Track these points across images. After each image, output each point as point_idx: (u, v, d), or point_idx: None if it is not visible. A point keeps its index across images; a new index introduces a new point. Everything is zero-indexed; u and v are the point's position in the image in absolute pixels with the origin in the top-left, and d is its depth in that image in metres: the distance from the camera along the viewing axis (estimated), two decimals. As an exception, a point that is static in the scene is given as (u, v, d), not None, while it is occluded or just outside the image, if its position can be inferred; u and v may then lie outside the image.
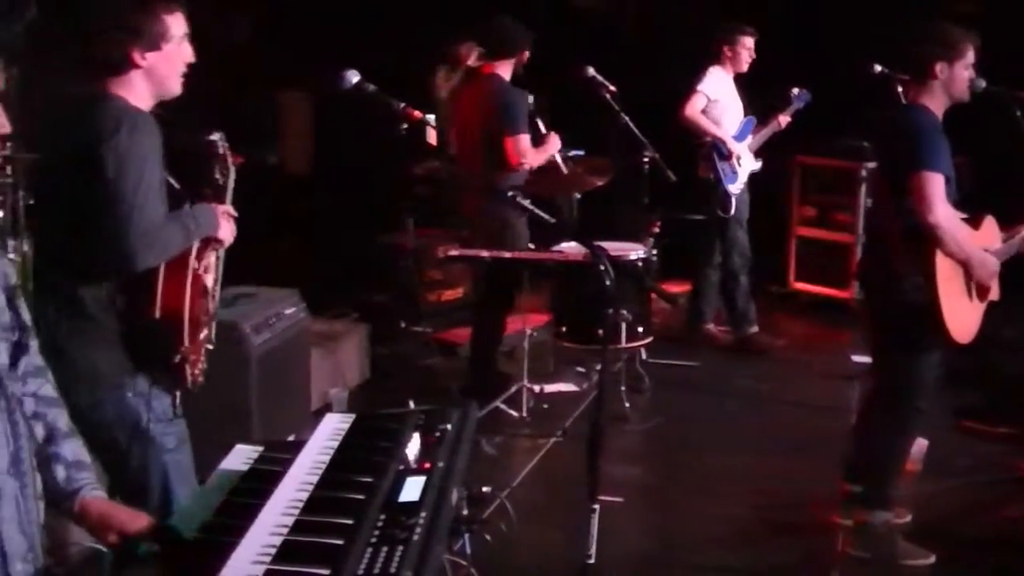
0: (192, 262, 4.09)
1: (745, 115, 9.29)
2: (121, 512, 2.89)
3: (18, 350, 2.78)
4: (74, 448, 2.95)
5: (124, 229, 3.87)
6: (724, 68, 9.15)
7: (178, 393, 4.30)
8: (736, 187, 9.15)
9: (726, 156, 9.07)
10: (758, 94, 9.36)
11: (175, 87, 4.16)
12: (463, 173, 8.12)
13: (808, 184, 10.94)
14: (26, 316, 2.86)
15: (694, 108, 8.99)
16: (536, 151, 7.73)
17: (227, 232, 4.38)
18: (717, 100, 9.11)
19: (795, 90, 9.37)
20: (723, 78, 9.15)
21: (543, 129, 8.14)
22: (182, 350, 4.06)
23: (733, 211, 9.16)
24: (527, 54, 7.88)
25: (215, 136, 4.25)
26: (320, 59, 8.41)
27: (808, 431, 7.61)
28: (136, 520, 2.85)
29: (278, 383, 6.39)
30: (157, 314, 4.02)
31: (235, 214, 4.39)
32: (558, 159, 8.02)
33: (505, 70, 7.79)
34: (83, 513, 2.88)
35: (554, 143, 7.98)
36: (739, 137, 9.15)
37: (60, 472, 2.88)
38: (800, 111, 9.37)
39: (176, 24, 4.09)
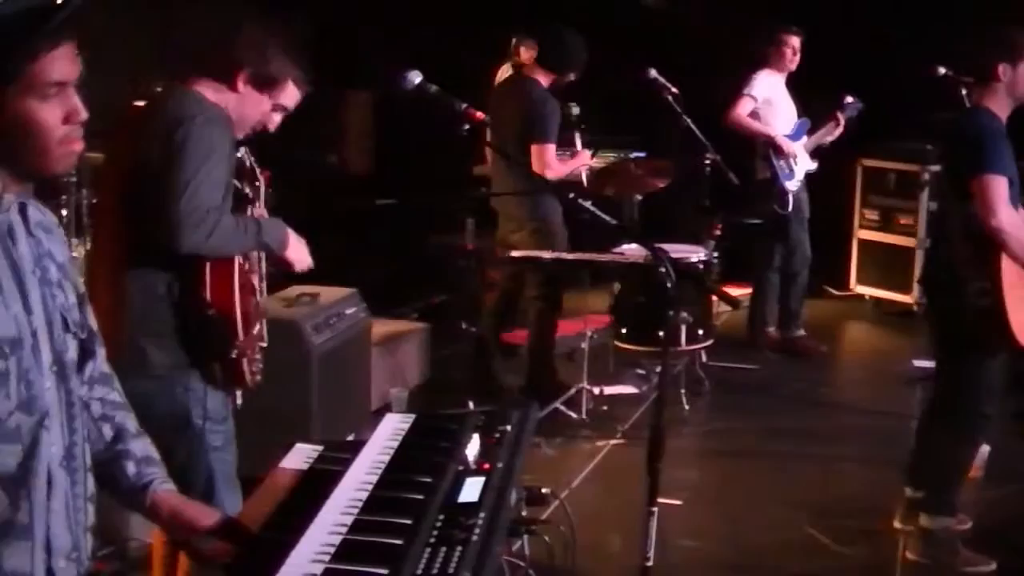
0: (237, 257, 4.13)
1: (799, 117, 9.22)
2: (191, 507, 2.89)
3: (85, 353, 2.79)
4: (143, 445, 2.95)
5: (173, 202, 3.90)
6: (773, 70, 9.10)
7: (238, 392, 4.32)
8: (793, 184, 9.07)
9: (780, 153, 8.99)
10: (820, 96, 9.27)
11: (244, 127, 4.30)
12: (495, 171, 8.12)
13: (870, 187, 10.86)
14: (92, 323, 2.87)
15: (740, 111, 8.94)
16: (561, 162, 7.73)
17: (297, 255, 4.43)
18: (768, 102, 9.05)
19: (848, 98, 9.28)
20: (773, 80, 9.10)
21: (579, 143, 8.15)
22: (237, 344, 4.07)
23: (791, 208, 9.09)
24: (572, 76, 7.88)
25: (240, 151, 4.28)
26: (382, 59, 8.43)
27: (869, 436, 7.55)
28: (205, 516, 2.86)
29: (338, 383, 6.40)
30: (210, 308, 4.04)
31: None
32: (583, 174, 8.04)
33: (545, 79, 7.77)
34: (154, 508, 2.88)
35: (582, 159, 8.01)
36: (793, 137, 9.08)
37: (130, 468, 2.89)
38: (852, 120, 9.28)
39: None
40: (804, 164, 9.13)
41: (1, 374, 2.43)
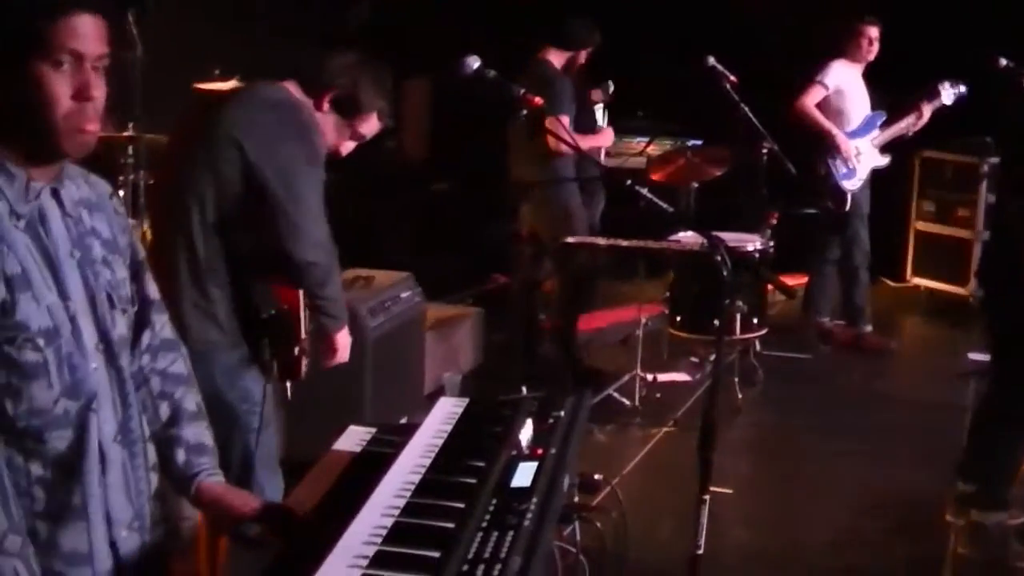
0: None
1: (873, 110, 9.10)
2: (235, 496, 2.89)
3: (140, 324, 2.81)
4: (197, 431, 2.95)
5: (304, 215, 4.10)
6: (848, 60, 8.98)
7: (288, 384, 4.36)
8: (852, 183, 8.94)
9: (838, 151, 8.90)
10: (888, 89, 9.18)
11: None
12: (516, 159, 8.12)
13: (928, 179, 10.77)
14: (152, 291, 2.88)
15: (809, 100, 8.84)
16: (583, 137, 7.74)
17: (344, 343, 4.56)
18: (840, 92, 8.91)
19: (946, 83, 9.11)
20: (846, 70, 8.97)
21: (604, 121, 8.15)
22: (302, 342, 4.12)
23: (848, 207, 9.00)
24: (584, 55, 7.91)
25: None
26: (440, 44, 8.42)
27: (922, 428, 7.49)
28: (248, 504, 2.86)
29: (392, 366, 6.41)
30: (279, 305, 4.09)
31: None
32: (602, 153, 8.06)
33: (558, 59, 7.87)
34: (199, 498, 2.89)
35: (605, 137, 8.02)
36: (861, 132, 8.95)
37: (180, 456, 2.90)
38: (948, 107, 9.13)
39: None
40: (870, 161, 8.99)
41: (39, 365, 2.44)
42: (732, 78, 8.11)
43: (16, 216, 2.43)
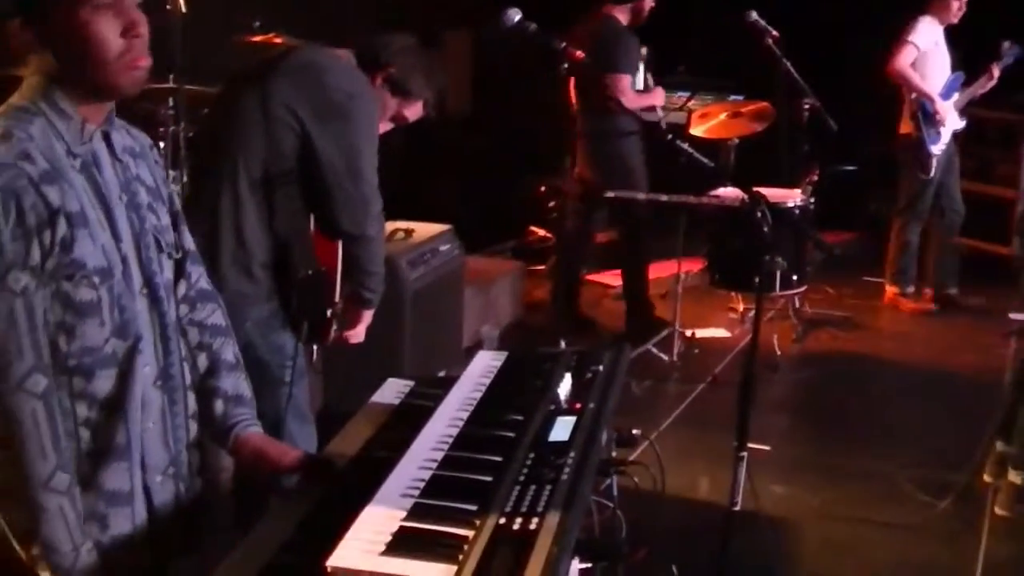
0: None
1: (952, 71, 8.90)
2: (273, 447, 2.90)
3: (179, 273, 2.82)
4: (235, 382, 2.96)
5: (363, 186, 4.11)
6: (935, 18, 8.76)
7: (315, 347, 4.37)
8: (938, 148, 8.82)
9: (932, 116, 8.75)
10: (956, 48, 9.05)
11: None
12: (576, 113, 8.09)
13: (970, 137, 10.66)
14: (188, 242, 2.89)
15: (904, 61, 8.64)
16: (635, 95, 7.71)
17: (367, 325, 4.55)
18: (925, 52, 8.71)
19: (1006, 43, 8.96)
20: (933, 29, 8.75)
21: (651, 82, 8.12)
22: (335, 305, 4.13)
23: (933, 172, 8.87)
24: (648, 5, 7.87)
25: None
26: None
27: (961, 388, 7.46)
28: (287, 455, 2.87)
29: (431, 319, 6.40)
30: (318, 266, 4.09)
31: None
32: (658, 112, 8.01)
33: (622, 14, 7.81)
34: (237, 449, 2.90)
35: (658, 96, 7.98)
36: (945, 95, 8.78)
37: (219, 407, 2.91)
38: (1009, 66, 9.01)
39: None
40: (952, 123, 8.83)
41: (94, 304, 2.47)
42: (774, 33, 8.03)
43: (73, 156, 2.47)
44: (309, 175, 4.04)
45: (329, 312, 4.20)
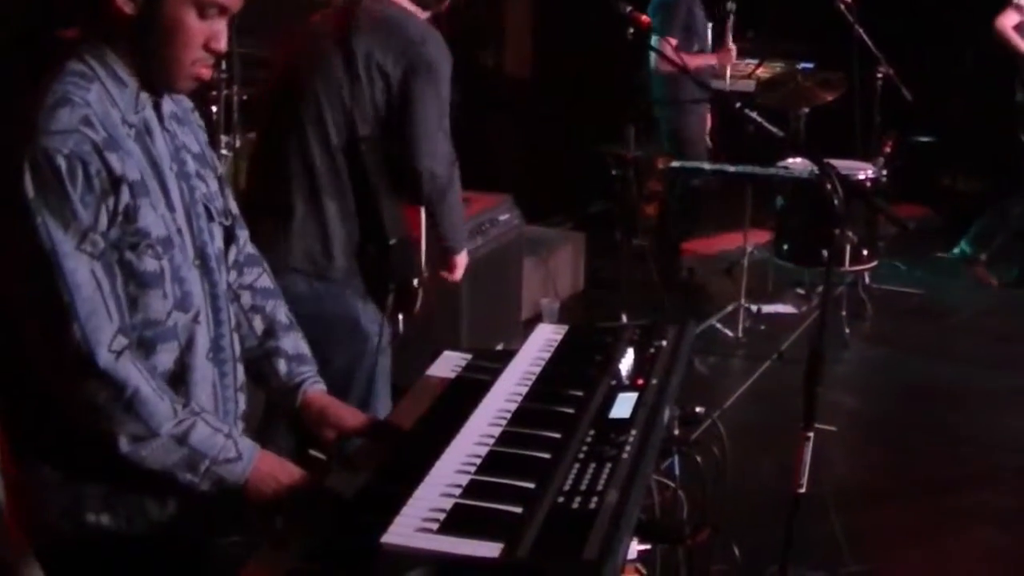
0: None
1: None
2: (341, 408, 2.92)
3: (228, 239, 2.83)
4: (294, 341, 2.99)
5: (433, 131, 4.12)
6: None
7: (400, 317, 4.39)
8: None
9: None
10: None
11: None
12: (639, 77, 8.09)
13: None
14: (233, 206, 2.91)
15: (1007, 21, 8.59)
16: (688, 56, 7.67)
17: (463, 263, 4.65)
18: None
19: None
20: None
21: (729, 42, 8.09)
22: (422, 274, 4.15)
23: None
24: None
25: None
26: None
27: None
28: (354, 417, 2.89)
29: (489, 290, 6.41)
30: (405, 235, 4.12)
31: None
32: (725, 80, 8.01)
33: None
34: (305, 408, 2.92)
35: (724, 57, 7.94)
36: None
37: (282, 366, 2.93)
38: None
39: None
40: None
41: (157, 275, 2.49)
42: (847, -2, 7.97)
43: (127, 125, 2.49)
44: (401, 133, 4.06)
45: (416, 281, 4.22)
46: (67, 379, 2.41)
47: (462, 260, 4.62)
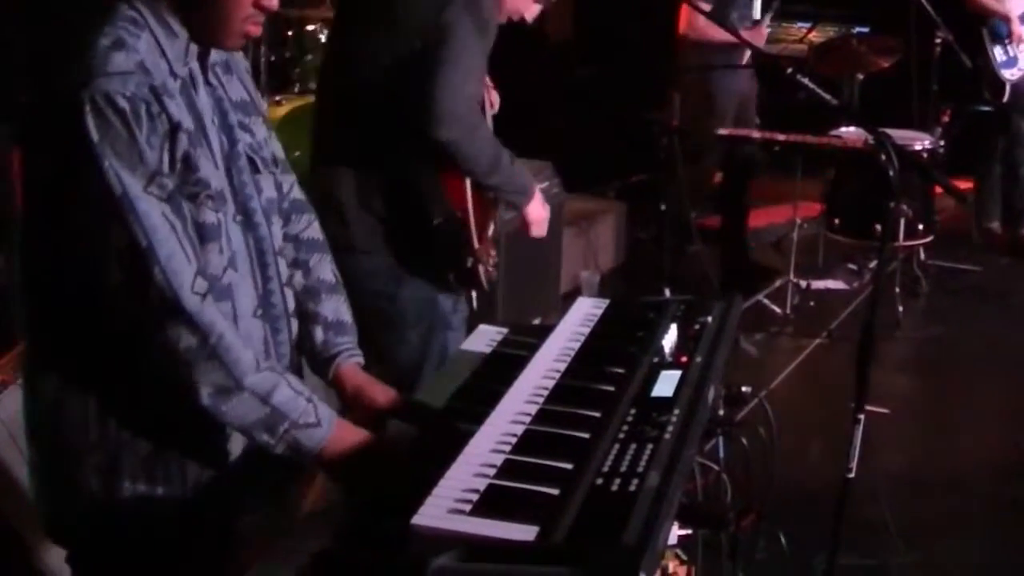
0: None
1: None
2: (375, 387, 2.92)
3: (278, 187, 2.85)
4: (336, 306, 2.99)
5: (443, 85, 3.93)
6: None
7: (474, 293, 4.38)
8: (1012, 73, 8.72)
9: (1004, 37, 8.64)
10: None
11: None
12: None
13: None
14: (279, 150, 2.91)
15: None
16: (711, 27, 7.63)
17: (538, 215, 4.54)
18: None
19: None
20: None
21: (758, 14, 8.05)
22: (475, 251, 4.12)
23: (1007, 98, 8.77)
24: None
25: None
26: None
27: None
28: (384, 395, 2.89)
29: (526, 262, 6.40)
30: (447, 214, 4.09)
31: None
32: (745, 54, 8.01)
33: None
34: (338, 382, 2.93)
35: (755, 35, 7.88)
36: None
37: (319, 334, 2.94)
38: None
39: None
40: None
41: (215, 227, 2.50)
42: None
43: (175, 77, 2.50)
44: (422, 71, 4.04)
45: (470, 260, 4.19)
46: (152, 325, 2.42)
47: (535, 209, 4.50)
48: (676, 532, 2.59)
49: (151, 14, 2.47)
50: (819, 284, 8.08)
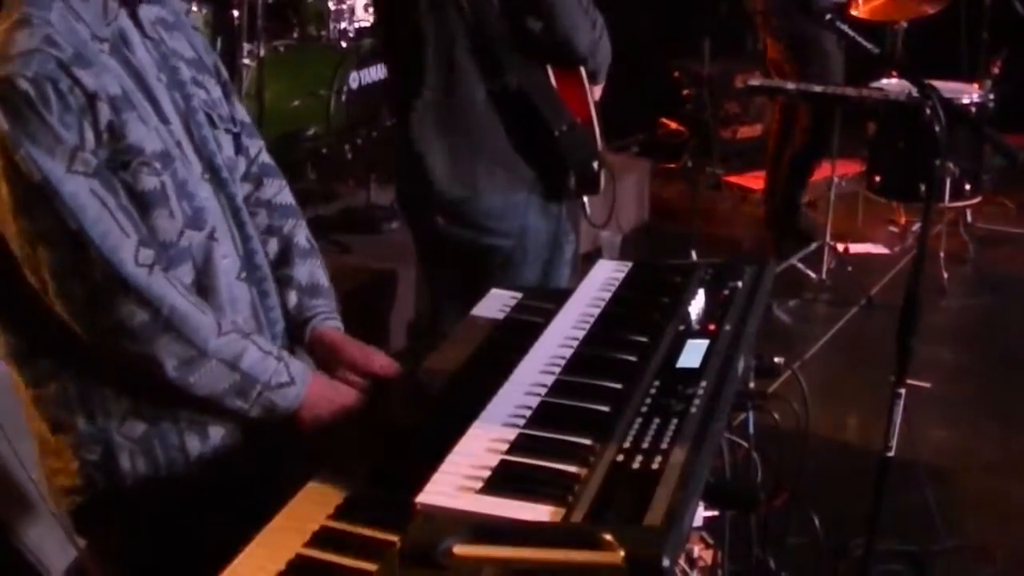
0: None
1: None
2: (353, 347, 2.91)
3: (237, 149, 2.85)
4: (310, 269, 3.00)
5: None
6: None
7: (586, 202, 4.57)
8: None
9: None
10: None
11: None
12: None
13: None
14: (242, 113, 2.92)
15: None
16: None
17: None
18: None
19: None
20: None
21: None
22: (599, 153, 4.22)
23: None
24: None
25: None
26: None
27: None
28: (369, 358, 2.88)
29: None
30: (573, 119, 4.18)
31: None
32: None
33: None
34: (314, 344, 2.93)
35: None
36: None
37: (292, 298, 2.94)
38: None
39: None
40: None
41: (158, 192, 2.49)
42: None
43: (99, 40, 2.49)
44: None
45: (596, 164, 4.26)
46: (100, 309, 2.45)
47: None
48: (702, 513, 2.59)
49: None
50: (857, 248, 8.08)
